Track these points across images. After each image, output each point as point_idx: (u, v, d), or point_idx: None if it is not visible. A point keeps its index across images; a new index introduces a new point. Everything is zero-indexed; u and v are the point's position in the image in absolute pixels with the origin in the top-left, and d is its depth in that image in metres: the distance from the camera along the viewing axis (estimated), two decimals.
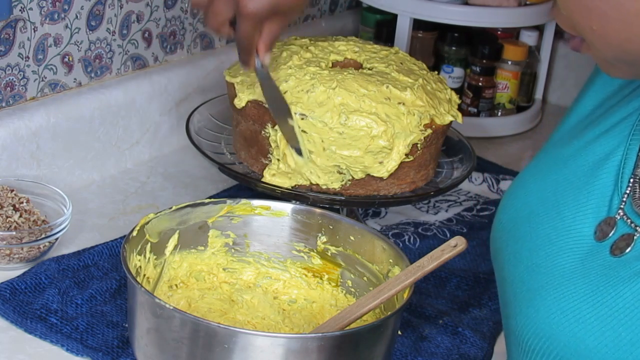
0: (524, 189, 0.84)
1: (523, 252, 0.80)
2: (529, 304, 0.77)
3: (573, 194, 0.79)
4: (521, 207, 0.83)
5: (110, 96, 1.31)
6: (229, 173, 1.18)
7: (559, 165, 0.82)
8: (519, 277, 0.79)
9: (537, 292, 0.77)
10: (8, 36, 1.18)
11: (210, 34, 1.49)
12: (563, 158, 0.82)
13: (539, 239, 0.79)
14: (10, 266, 1.10)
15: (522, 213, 0.82)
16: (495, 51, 1.65)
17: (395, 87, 1.14)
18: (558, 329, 0.74)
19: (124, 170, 1.36)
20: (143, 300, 0.88)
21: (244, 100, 1.16)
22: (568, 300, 0.74)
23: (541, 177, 0.83)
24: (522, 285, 0.78)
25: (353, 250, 1.03)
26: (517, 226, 0.82)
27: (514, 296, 0.79)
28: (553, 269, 0.76)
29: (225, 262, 1.06)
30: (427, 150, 1.17)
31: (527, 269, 0.79)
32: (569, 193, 0.79)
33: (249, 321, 1.01)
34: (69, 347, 0.98)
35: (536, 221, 0.80)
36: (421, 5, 1.56)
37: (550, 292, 0.75)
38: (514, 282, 0.80)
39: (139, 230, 0.97)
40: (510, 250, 0.82)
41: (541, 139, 1.70)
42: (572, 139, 0.84)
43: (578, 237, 0.77)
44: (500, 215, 0.86)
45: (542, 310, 0.75)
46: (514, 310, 0.79)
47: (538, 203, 0.81)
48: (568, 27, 0.74)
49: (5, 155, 1.19)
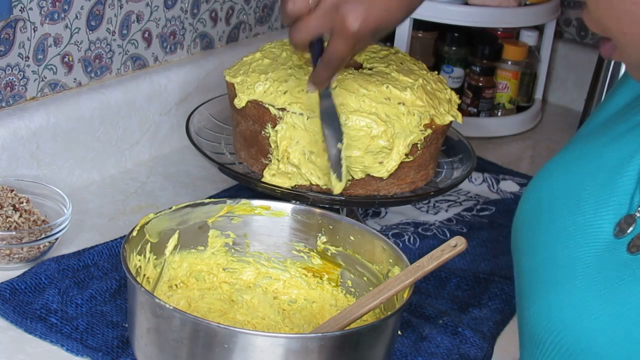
0: (547, 180, 0.83)
1: (540, 243, 0.80)
2: (543, 296, 0.77)
3: (596, 190, 0.78)
4: (543, 198, 0.82)
5: (110, 96, 1.31)
6: (229, 173, 1.18)
7: (584, 160, 0.81)
8: (535, 268, 0.79)
9: (552, 284, 0.76)
10: (8, 36, 1.18)
11: (210, 34, 1.49)
12: (589, 153, 0.81)
13: (557, 231, 0.78)
14: (10, 266, 1.10)
15: (543, 204, 0.82)
16: (495, 51, 1.65)
17: (395, 87, 1.14)
18: (569, 324, 0.73)
19: (124, 170, 1.36)
20: (143, 300, 0.88)
21: (244, 100, 1.16)
22: (581, 295, 0.73)
23: (565, 170, 0.82)
24: (538, 277, 0.78)
25: (353, 250, 1.03)
26: (537, 217, 0.82)
27: (529, 287, 0.79)
28: (569, 262, 0.76)
29: (225, 262, 1.06)
30: (427, 150, 1.17)
31: (543, 261, 0.78)
32: (591, 188, 0.78)
33: (249, 321, 1.01)
34: (69, 347, 0.98)
35: (557, 213, 0.80)
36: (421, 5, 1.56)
37: (564, 285, 0.75)
38: (530, 272, 0.80)
39: (139, 230, 0.97)
40: (529, 240, 0.82)
41: (541, 139, 1.70)
42: (599, 134, 0.83)
43: (597, 232, 0.76)
44: (522, 204, 0.85)
45: (555, 304, 0.75)
46: (528, 302, 0.79)
47: (560, 195, 0.80)
48: (598, 30, 0.73)
49: (5, 155, 1.19)
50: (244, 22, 1.55)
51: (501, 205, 1.40)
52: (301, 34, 0.97)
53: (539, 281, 0.78)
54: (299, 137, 1.12)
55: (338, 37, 0.96)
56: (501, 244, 1.29)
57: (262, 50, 1.23)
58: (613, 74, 1.65)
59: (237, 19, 1.54)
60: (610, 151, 0.79)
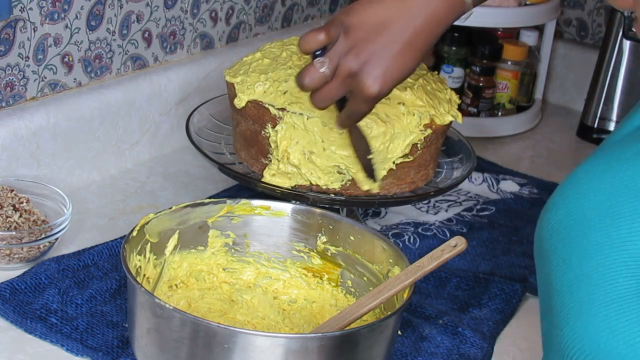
0: (576, 189, 0.80)
1: (573, 259, 0.76)
2: (578, 318, 0.74)
3: (630, 202, 0.74)
4: (572, 209, 0.79)
5: (110, 96, 1.31)
6: (229, 173, 1.18)
7: (616, 168, 0.78)
8: (567, 286, 0.76)
9: (587, 305, 0.73)
10: (8, 36, 1.18)
11: (210, 34, 1.49)
12: (621, 161, 0.78)
13: (590, 247, 0.75)
14: (10, 266, 1.10)
15: (573, 216, 0.78)
16: (495, 51, 1.65)
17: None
18: (606, 350, 0.71)
19: (124, 170, 1.36)
20: (143, 300, 0.88)
21: (244, 100, 1.16)
22: (620, 321, 0.71)
23: (596, 179, 0.79)
24: (571, 296, 0.75)
25: (353, 250, 1.03)
26: (568, 230, 0.78)
27: (562, 305, 0.76)
28: (605, 283, 0.73)
29: (225, 262, 1.06)
30: (427, 150, 1.17)
31: (576, 278, 0.75)
32: (625, 200, 0.75)
33: (249, 321, 1.01)
34: (69, 347, 0.98)
35: (589, 226, 0.76)
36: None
37: (601, 308, 0.72)
38: (563, 290, 0.76)
39: (139, 230, 0.97)
40: (559, 254, 0.78)
41: (541, 139, 1.70)
42: (633, 141, 0.79)
43: (633, 250, 0.73)
44: (549, 214, 0.82)
45: (591, 327, 0.72)
46: (561, 321, 0.76)
47: (591, 207, 0.77)
48: (627, 5, 0.73)
49: (5, 155, 1.19)
50: (244, 22, 1.55)
51: (501, 205, 1.40)
52: (322, 102, 1.00)
53: (573, 300, 0.75)
54: (299, 137, 1.12)
55: (358, 99, 0.99)
56: (501, 244, 1.29)
57: (262, 50, 1.23)
58: (613, 73, 1.65)
59: (237, 19, 1.54)
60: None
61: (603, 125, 1.67)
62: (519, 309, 1.16)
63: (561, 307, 0.76)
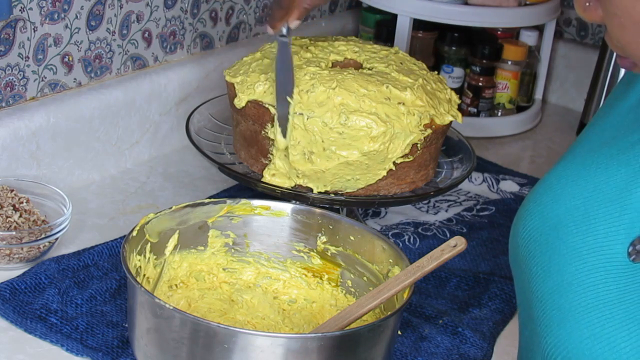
0: (550, 195, 0.79)
1: (552, 266, 0.76)
2: (560, 325, 0.73)
3: (605, 206, 0.74)
4: (547, 215, 0.78)
5: (110, 96, 1.31)
6: (229, 173, 1.18)
7: (589, 172, 0.77)
8: (548, 294, 0.75)
9: (569, 313, 0.73)
10: (8, 36, 1.18)
11: (210, 34, 1.49)
12: (594, 164, 0.77)
13: (568, 254, 0.74)
14: (10, 266, 1.10)
15: (548, 222, 0.78)
16: (495, 51, 1.65)
17: (395, 87, 1.14)
18: (590, 356, 0.70)
19: (124, 170, 1.36)
20: (143, 300, 0.88)
21: (244, 100, 1.16)
22: (603, 326, 0.70)
23: (570, 184, 0.78)
24: (552, 304, 0.74)
25: (353, 250, 1.03)
26: (544, 236, 0.77)
27: (543, 313, 0.75)
28: (585, 289, 0.72)
29: (225, 262, 1.06)
30: (427, 150, 1.17)
31: (557, 286, 0.75)
32: (600, 205, 0.74)
33: (249, 321, 1.01)
34: (69, 347, 0.98)
35: (565, 232, 0.76)
36: (421, 5, 1.56)
37: (583, 315, 0.71)
38: (543, 298, 0.76)
39: (139, 230, 0.97)
40: (537, 261, 0.78)
41: (541, 139, 1.70)
42: (605, 145, 0.78)
43: (610, 255, 0.72)
44: (524, 221, 0.81)
45: (575, 335, 0.72)
46: (544, 329, 0.75)
47: (566, 212, 0.76)
48: (619, 52, 0.71)
49: (5, 155, 1.19)
50: (244, 22, 1.55)
51: (501, 205, 1.40)
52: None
53: (554, 308, 0.74)
54: (299, 137, 1.12)
55: None
56: (501, 244, 1.29)
57: (262, 50, 1.23)
58: (613, 73, 1.65)
59: (237, 19, 1.54)
60: (617, 163, 0.75)
61: None
62: None
63: (543, 315, 0.75)
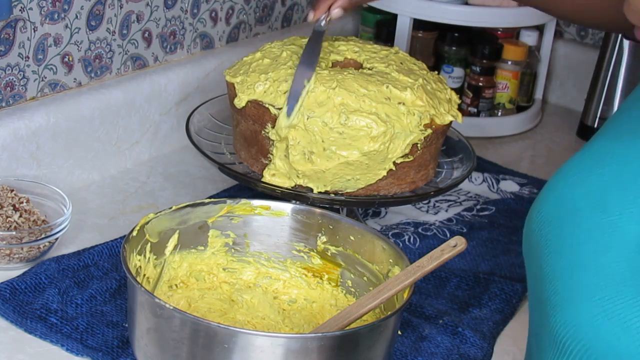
0: (566, 182, 0.80)
1: (566, 247, 0.77)
2: (570, 304, 0.74)
3: (619, 193, 0.75)
4: (563, 201, 0.79)
5: (110, 96, 1.31)
6: (229, 173, 1.18)
7: (606, 160, 0.79)
8: (559, 274, 0.76)
9: (580, 291, 0.73)
10: (8, 36, 1.18)
11: (210, 34, 1.49)
12: (610, 154, 0.79)
13: (582, 235, 0.76)
14: (10, 266, 1.10)
15: (564, 207, 0.79)
16: (495, 51, 1.65)
17: (395, 87, 1.14)
18: (600, 333, 0.70)
19: (124, 170, 1.36)
20: (143, 300, 0.88)
21: (244, 100, 1.16)
22: (614, 304, 0.70)
23: (586, 171, 0.80)
24: (564, 283, 0.75)
25: (353, 250, 1.03)
26: (559, 220, 0.79)
27: (554, 293, 0.76)
28: (598, 268, 0.73)
29: (225, 262, 1.06)
30: (427, 150, 1.17)
31: (570, 265, 0.75)
32: (615, 191, 0.76)
33: (249, 321, 1.01)
34: (69, 347, 0.98)
35: (580, 216, 0.77)
36: (421, 5, 1.56)
37: (594, 293, 0.72)
38: (555, 278, 0.76)
39: (139, 230, 0.97)
40: (550, 244, 0.79)
41: (541, 139, 1.70)
42: (622, 136, 0.80)
43: (624, 235, 0.73)
44: (539, 206, 0.82)
45: (585, 312, 0.72)
46: (553, 308, 0.75)
47: (581, 197, 0.78)
48: (638, 22, 0.73)
49: (5, 155, 1.19)
50: (244, 22, 1.55)
51: (501, 205, 1.40)
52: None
53: (565, 287, 0.75)
54: (299, 137, 1.12)
55: None
56: (501, 244, 1.29)
57: (262, 50, 1.23)
58: (613, 73, 1.65)
59: (237, 19, 1.54)
60: (635, 152, 0.77)
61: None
62: (519, 309, 1.16)
63: (554, 294, 0.76)
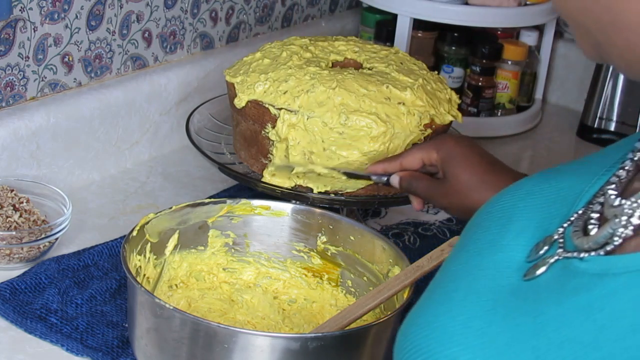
0: (505, 193, 0.75)
1: (462, 253, 0.71)
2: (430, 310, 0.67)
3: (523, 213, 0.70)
4: (479, 213, 0.75)
5: (110, 96, 1.31)
6: (229, 173, 1.18)
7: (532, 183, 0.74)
8: (443, 276, 0.70)
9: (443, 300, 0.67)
10: (8, 36, 1.18)
11: (210, 34, 1.49)
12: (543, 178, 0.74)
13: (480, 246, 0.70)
14: (10, 266, 1.10)
15: (475, 219, 0.74)
16: (495, 51, 1.65)
17: (395, 87, 1.14)
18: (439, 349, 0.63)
19: (124, 170, 1.36)
20: (143, 300, 0.88)
21: (244, 100, 1.16)
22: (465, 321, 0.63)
23: (516, 187, 0.75)
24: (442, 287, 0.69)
25: (353, 250, 1.03)
26: (474, 225, 0.74)
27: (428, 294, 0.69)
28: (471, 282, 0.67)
29: (225, 262, 1.06)
30: None
31: (454, 272, 0.69)
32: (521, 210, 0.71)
33: (249, 321, 1.01)
34: (69, 347, 0.98)
35: (486, 228, 0.72)
36: (421, 5, 1.56)
37: (453, 306, 0.65)
38: (436, 279, 0.71)
39: (139, 230, 0.97)
40: (458, 244, 0.74)
41: (541, 139, 1.70)
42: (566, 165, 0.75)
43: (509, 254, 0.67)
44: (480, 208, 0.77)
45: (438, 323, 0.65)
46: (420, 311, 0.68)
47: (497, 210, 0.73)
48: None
49: (5, 155, 1.19)
50: (244, 22, 1.55)
51: None
52: None
53: (441, 291, 0.68)
54: (299, 137, 1.12)
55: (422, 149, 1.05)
56: None
57: (262, 50, 1.23)
58: (613, 73, 1.65)
59: (237, 19, 1.54)
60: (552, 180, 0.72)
61: (603, 125, 1.67)
62: None
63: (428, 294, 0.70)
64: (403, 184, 1.06)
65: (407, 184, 1.05)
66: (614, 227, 0.60)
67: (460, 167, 1.01)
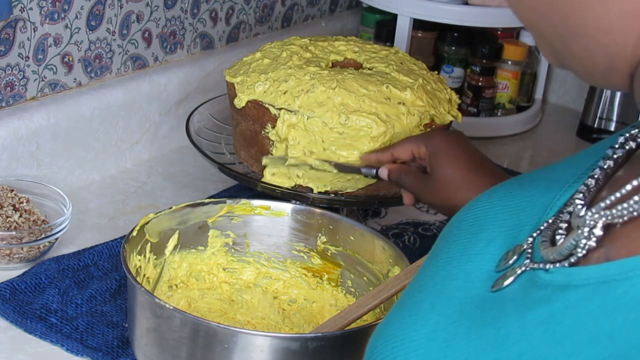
0: (474, 201, 0.74)
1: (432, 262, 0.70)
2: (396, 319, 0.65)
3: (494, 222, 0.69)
4: (452, 221, 0.73)
5: (110, 96, 1.31)
6: (229, 173, 1.18)
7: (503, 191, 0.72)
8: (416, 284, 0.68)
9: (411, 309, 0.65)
10: (8, 36, 1.18)
11: (210, 34, 1.49)
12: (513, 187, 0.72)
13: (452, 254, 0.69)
14: (10, 266, 1.10)
15: (448, 227, 0.73)
16: (495, 51, 1.65)
17: (395, 87, 1.14)
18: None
19: (124, 170, 1.36)
20: (143, 300, 0.88)
21: (244, 100, 1.16)
22: (419, 331, 0.62)
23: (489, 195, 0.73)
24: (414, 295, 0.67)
25: (353, 250, 1.03)
26: (449, 232, 0.72)
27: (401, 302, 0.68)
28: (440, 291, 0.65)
29: (225, 262, 1.06)
30: None
31: (424, 281, 0.68)
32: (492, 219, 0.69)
33: (249, 321, 1.01)
34: (69, 347, 0.98)
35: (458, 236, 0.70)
36: (421, 5, 1.56)
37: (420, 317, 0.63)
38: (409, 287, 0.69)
39: (139, 230, 0.97)
40: (432, 252, 0.72)
41: (541, 139, 1.70)
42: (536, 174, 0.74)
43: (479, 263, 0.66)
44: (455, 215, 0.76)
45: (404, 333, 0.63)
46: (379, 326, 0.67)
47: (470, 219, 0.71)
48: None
49: (5, 155, 1.19)
50: (244, 22, 1.55)
51: None
52: None
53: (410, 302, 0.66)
54: (299, 137, 1.12)
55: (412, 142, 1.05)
56: None
57: (262, 50, 1.23)
58: None
59: (237, 19, 1.54)
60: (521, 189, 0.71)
61: (603, 125, 1.67)
62: None
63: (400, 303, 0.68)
64: (392, 176, 1.06)
65: (395, 176, 1.05)
66: (577, 239, 0.59)
67: (445, 163, 1.00)
